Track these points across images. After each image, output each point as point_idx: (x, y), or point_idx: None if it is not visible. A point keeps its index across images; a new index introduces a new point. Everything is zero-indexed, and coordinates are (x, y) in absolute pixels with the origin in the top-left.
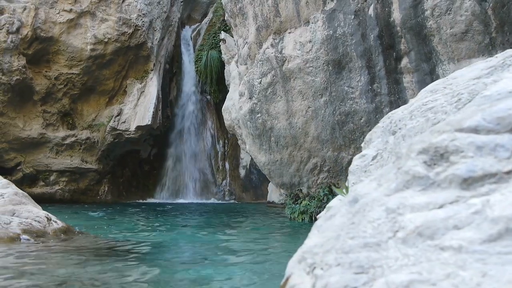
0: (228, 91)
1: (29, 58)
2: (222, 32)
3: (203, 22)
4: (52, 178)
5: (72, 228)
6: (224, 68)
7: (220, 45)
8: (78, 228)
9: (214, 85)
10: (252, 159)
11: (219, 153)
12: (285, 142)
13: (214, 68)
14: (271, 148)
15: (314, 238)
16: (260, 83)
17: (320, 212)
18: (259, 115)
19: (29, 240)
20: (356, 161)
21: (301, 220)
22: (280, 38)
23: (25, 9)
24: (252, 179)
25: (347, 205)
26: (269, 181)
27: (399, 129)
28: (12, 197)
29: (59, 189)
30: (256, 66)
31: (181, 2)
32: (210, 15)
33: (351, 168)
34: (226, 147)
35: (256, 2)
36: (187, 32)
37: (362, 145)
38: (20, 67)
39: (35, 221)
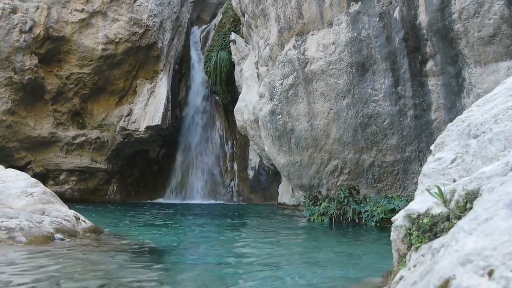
0: (237, 92)
1: (41, 58)
2: (232, 33)
3: (212, 23)
4: (61, 177)
5: (99, 227)
6: (234, 69)
7: (229, 46)
8: (103, 227)
9: (223, 86)
10: (261, 160)
11: (228, 154)
12: (305, 143)
13: (223, 69)
14: (291, 150)
15: (472, 241)
16: (282, 84)
17: (340, 214)
18: (279, 116)
19: (63, 239)
20: (431, 164)
21: (320, 221)
22: (303, 39)
23: (37, 8)
24: (261, 180)
25: (506, 208)
26: (278, 183)
27: (483, 133)
28: (41, 196)
29: (68, 188)
30: (277, 68)
31: (191, 2)
32: (219, 16)
33: (425, 171)
34: (234, 148)
35: (278, 4)
36: (196, 32)
37: (432, 148)
38: (32, 66)
39: (65, 220)
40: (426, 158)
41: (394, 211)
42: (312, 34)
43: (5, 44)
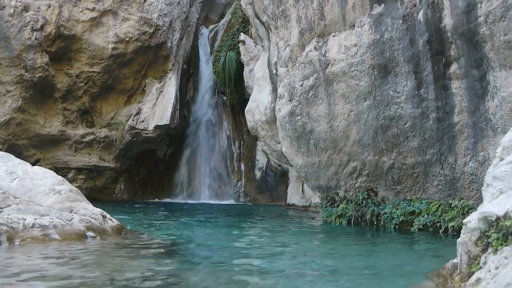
0: (245, 92)
1: (52, 56)
2: (241, 33)
3: (220, 23)
4: (70, 175)
5: (125, 226)
6: (242, 70)
7: (238, 47)
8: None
9: (232, 86)
10: (268, 161)
11: (235, 154)
12: (324, 145)
13: (232, 69)
14: (310, 151)
15: None
16: (302, 85)
17: (358, 216)
18: (299, 117)
19: (95, 237)
20: (503, 167)
21: (338, 223)
22: (324, 41)
23: (49, 6)
24: (268, 181)
25: None
26: (286, 184)
27: None
28: (68, 194)
29: (76, 186)
30: (297, 69)
31: (199, 2)
32: (227, 16)
33: (497, 173)
34: (241, 148)
35: (300, 5)
36: (204, 33)
37: (499, 150)
38: (43, 64)
39: (92, 218)
40: (448, 160)
41: (413, 214)
42: (333, 36)
43: (16, 42)
